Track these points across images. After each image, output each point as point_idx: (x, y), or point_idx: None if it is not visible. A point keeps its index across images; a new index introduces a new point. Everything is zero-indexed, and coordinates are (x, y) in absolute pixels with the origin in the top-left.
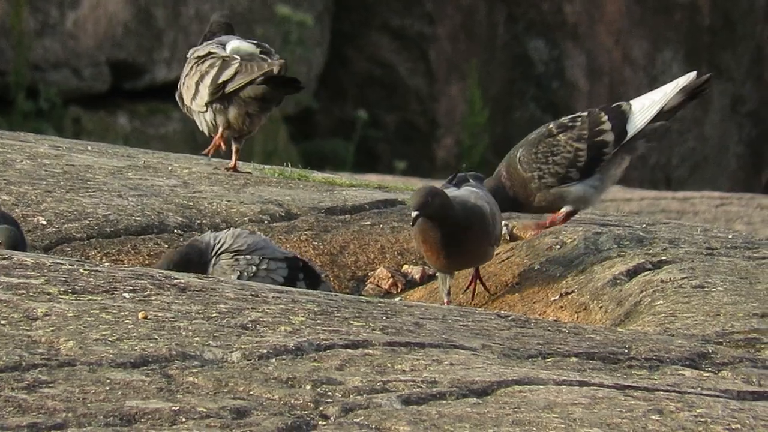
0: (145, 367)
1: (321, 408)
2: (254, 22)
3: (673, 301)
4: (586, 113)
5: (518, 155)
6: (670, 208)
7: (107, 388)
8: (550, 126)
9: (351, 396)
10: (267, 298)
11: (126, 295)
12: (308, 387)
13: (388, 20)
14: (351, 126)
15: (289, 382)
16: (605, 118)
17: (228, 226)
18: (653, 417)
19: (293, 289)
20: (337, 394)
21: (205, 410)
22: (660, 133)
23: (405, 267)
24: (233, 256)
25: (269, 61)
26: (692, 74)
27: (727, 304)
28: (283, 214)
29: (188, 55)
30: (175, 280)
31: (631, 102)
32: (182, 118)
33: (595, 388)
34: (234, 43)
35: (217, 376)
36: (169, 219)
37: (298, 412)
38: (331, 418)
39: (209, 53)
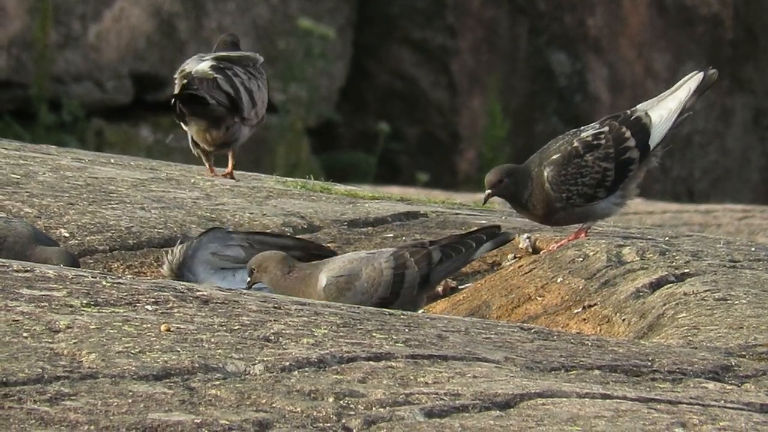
0: (167, 380)
1: (344, 420)
2: (276, 35)
3: (696, 314)
4: (606, 128)
5: (546, 175)
6: (692, 221)
7: (130, 400)
8: (575, 144)
9: (374, 408)
10: (290, 311)
11: (148, 307)
12: (331, 399)
13: (410, 33)
14: (373, 139)
15: (312, 395)
16: (628, 133)
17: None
18: (676, 430)
19: (316, 301)
20: (359, 406)
21: (227, 423)
22: (677, 133)
23: None
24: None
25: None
26: (699, 75)
27: (750, 317)
28: (305, 226)
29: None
30: (198, 293)
31: (649, 112)
32: None
33: (618, 400)
34: (192, 64)
35: (239, 388)
36: (191, 231)
37: (321, 424)
38: (354, 430)
39: (181, 70)
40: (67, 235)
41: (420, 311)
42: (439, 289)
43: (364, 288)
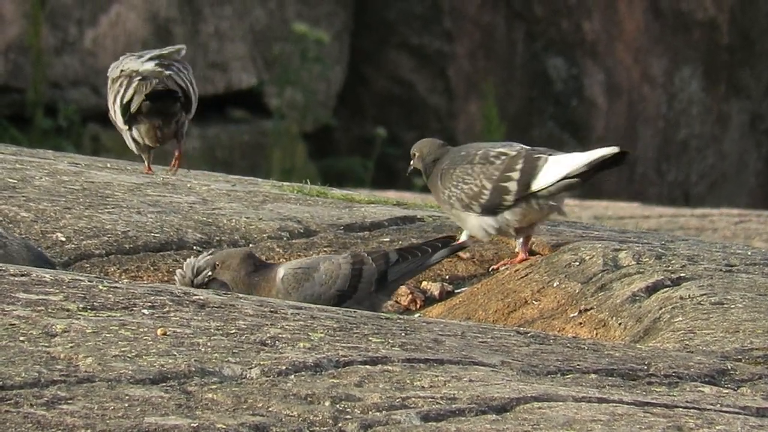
0: (164, 384)
1: (340, 424)
2: (273, 40)
3: (693, 318)
4: (514, 152)
5: (442, 166)
6: (688, 225)
7: (126, 404)
8: (480, 152)
9: (370, 412)
10: (286, 315)
11: (145, 311)
12: (327, 403)
13: (407, 38)
14: (370, 143)
15: (308, 399)
16: (518, 166)
17: (247, 242)
18: None
19: (312, 305)
20: (356, 410)
21: (224, 427)
22: (571, 190)
23: (424, 283)
24: None
25: (152, 79)
26: (614, 150)
27: (746, 321)
28: (302, 230)
29: (107, 74)
30: (194, 297)
31: (550, 158)
32: (201, 135)
33: (615, 404)
34: (133, 64)
35: (236, 392)
36: (188, 235)
37: (317, 428)
38: None
39: (121, 71)
40: (63, 239)
41: (416, 315)
42: (436, 293)
43: (323, 279)
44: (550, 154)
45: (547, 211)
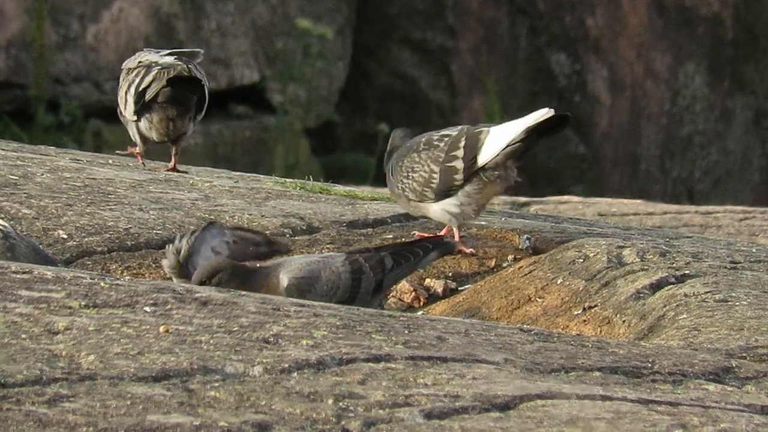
0: (166, 381)
1: (343, 422)
2: (275, 35)
3: (697, 315)
4: (456, 132)
5: (392, 161)
6: (692, 222)
7: (128, 402)
8: (424, 139)
9: (373, 410)
10: (288, 312)
11: (147, 308)
12: (330, 401)
13: (409, 34)
14: (373, 139)
15: (311, 397)
16: (461, 144)
17: None
18: (677, 431)
19: (315, 303)
20: (359, 408)
21: (226, 425)
22: (520, 155)
23: (427, 281)
24: None
25: (179, 67)
26: (549, 112)
27: (750, 318)
28: (304, 227)
29: (122, 66)
30: (197, 294)
31: (491, 129)
32: (203, 131)
33: (619, 402)
34: (152, 57)
35: (238, 390)
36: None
37: (320, 426)
38: None
39: (139, 63)
40: (65, 236)
41: (419, 313)
42: (439, 290)
43: (324, 290)
44: (491, 127)
45: (500, 182)
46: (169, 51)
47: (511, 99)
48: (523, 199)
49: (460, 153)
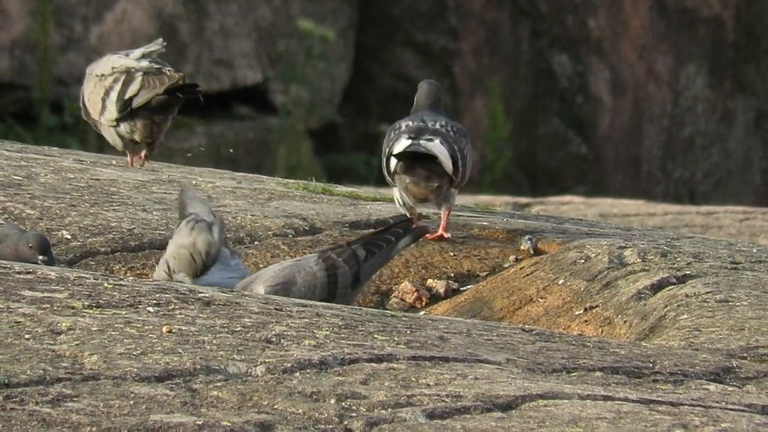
0: (169, 381)
1: (345, 422)
2: (278, 37)
3: (698, 316)
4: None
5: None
6: (694, 223)
7: (131, 402)
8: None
9: (375, 410)
10: (291, 312)
11: (150, 309)
12: (332, 401)
13: (412, 35)
14: (375, 140)
15: (314, 396)
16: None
17: (252, 240)
18: (678, 431)
19: (317, 303)
20: (361, 408)
21: (229, 424)
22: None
23: (429, 281)
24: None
25: (168, 72)
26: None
27: (751, 319)
28: (307, 228)
29: (87, 72)
30: (200, 294)
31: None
32: (207, 132)
33: (620, 402)
34: (125, 61)
35: (241, 390)
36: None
37: (323, 426)
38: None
39: (113, 68)
40: (68, 236)
41: (422, 313)
42: (441, 290)
43: (302, 292)
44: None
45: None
46: (136, 53)
47: (513, 100)
48: (524, 199)
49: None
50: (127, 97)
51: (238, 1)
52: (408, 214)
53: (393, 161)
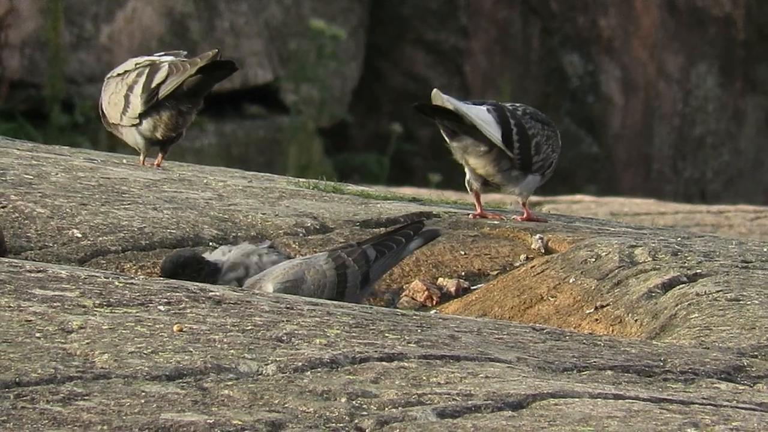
0: (180, 380)
1: (356, 421)
2: (289, 36)
3: (709, 314)
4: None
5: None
6: (704, 222)
7: (142, 400)
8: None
9: (386, 409)
10: (302, 311)
11: (161, 307)
12: (343, 400)
13: (422, 34)
14: (386, 139)
15: (325, 395)
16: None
17: (263, 238)
18: (689, 430)
19: (328, 301)
20: (372, 406)
21: (240, 423)
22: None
23: (440, 280)
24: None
25: (200, 57)
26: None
27: (762, 317)
28: (318, 227)
29: (106, 78)
30: (210, 293)
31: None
32: (217, 131)
33: (631, 401)
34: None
35: (252, 388)
36: (204, 232)
37: (334, 424)
38: (367, 430)
39: (136, 64)
40: (79, 235)
41: (432, 312)
42: (452, 289)
43: (311, 291)
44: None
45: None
46: (157, 54)
47: (524, 99)
48: (535, 198)
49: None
50: (153, 85)
51: (248, 0)
52: (476, 203)
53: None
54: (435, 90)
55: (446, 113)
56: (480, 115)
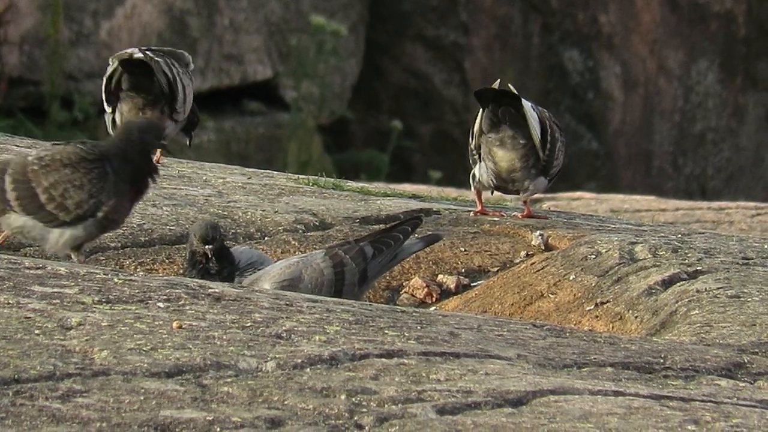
0: (179, 377)
1: (356, 418)
2: (289, 32)
3: (709, 311)
4: None
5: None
6: (705, 218)
7: (141, 397)
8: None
9: (386, 406)
10: (302, 308)
11: (160, 304)
12: (343, 397)
13: (423, 30)
14: (386, 136)
15: (324, 392)
16: None
17: (262, 235)
18: (689, 427)
19: (328, 299)
20: (372, 403)
21: (239, 420)
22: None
23: (440, 277)
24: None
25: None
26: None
27: (762, 314)
28: (317, 223)
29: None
30: (210, 290)
31: None
32: (216, 128)
33: (631, 398)
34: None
35: (251, 385)
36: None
37: (333, 421)
38: (366, 428)
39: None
40: None
41: (432, 308)
42: (452, 286)
43: (308, 289)
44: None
45: None
46: (146, 48)
47: (525, 95)
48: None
49: None
50: (105, 77)
51: None
52: (476, 200)
53: (478, 119)
54: (498, 80)
55: (506, 101)
56: (531, 109)
